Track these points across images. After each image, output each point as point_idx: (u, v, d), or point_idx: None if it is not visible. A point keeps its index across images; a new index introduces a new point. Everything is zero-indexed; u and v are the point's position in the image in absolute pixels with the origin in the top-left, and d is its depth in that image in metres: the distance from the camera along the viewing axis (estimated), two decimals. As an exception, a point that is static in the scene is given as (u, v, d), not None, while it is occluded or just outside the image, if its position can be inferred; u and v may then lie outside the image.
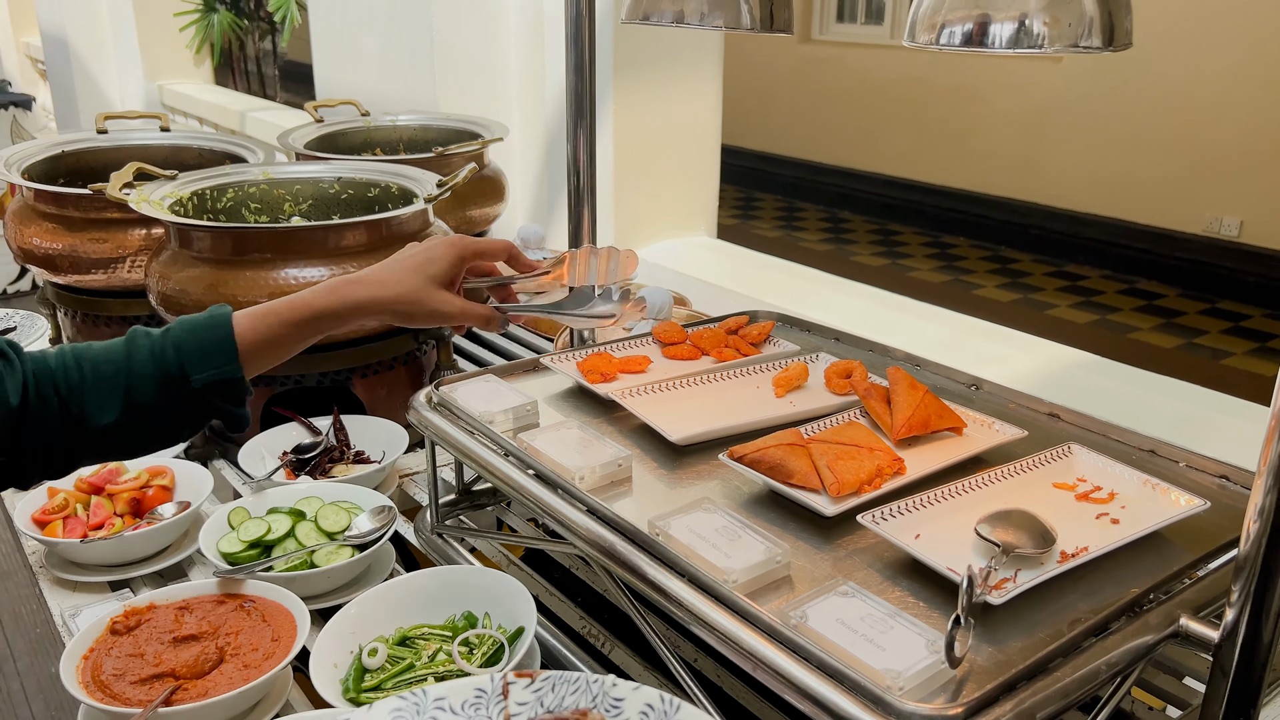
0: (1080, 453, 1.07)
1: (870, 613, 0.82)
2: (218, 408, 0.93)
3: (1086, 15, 0.80)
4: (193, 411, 0.93)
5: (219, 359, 0.92)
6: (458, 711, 0.74)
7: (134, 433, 0.91)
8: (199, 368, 0.91)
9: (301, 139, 2.06)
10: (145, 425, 0.91)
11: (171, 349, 0.91)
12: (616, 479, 1.06)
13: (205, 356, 0.91)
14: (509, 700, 0.74)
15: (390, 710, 0.73)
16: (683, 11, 1.09)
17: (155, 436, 0.93)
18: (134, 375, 0.89)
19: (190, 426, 0.95)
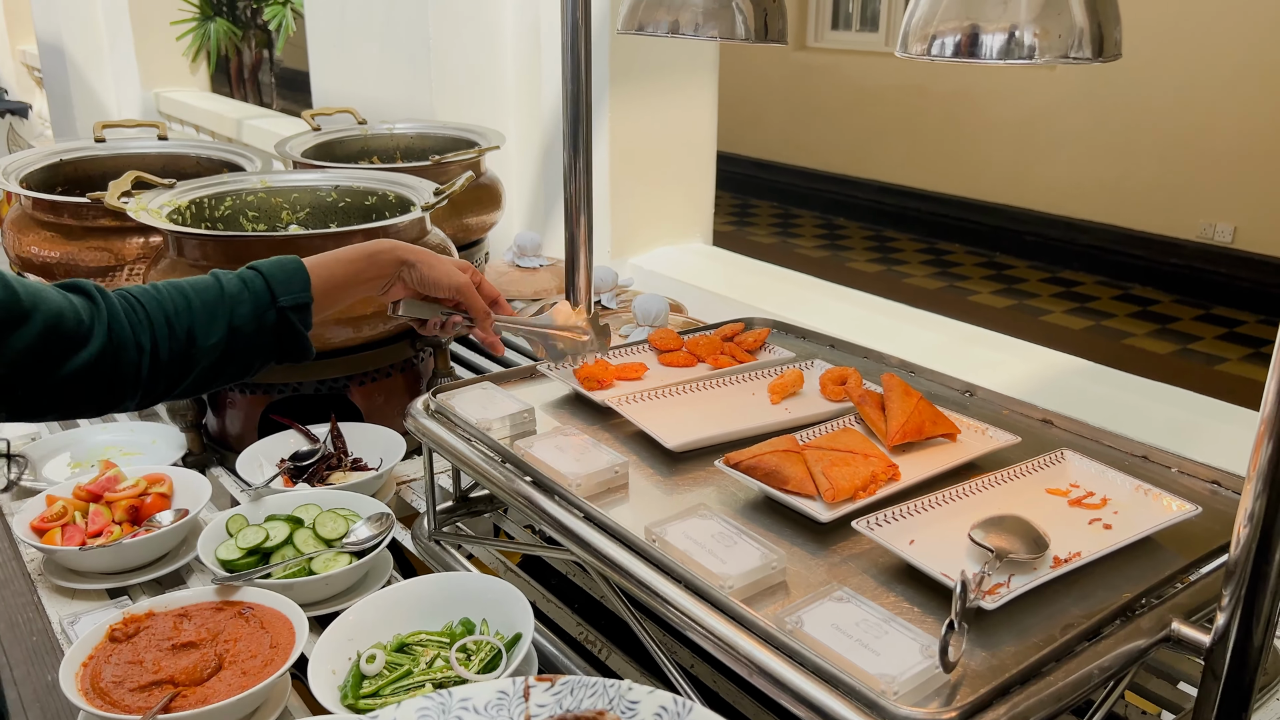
0: (1073, 459, 1.08)
1: (865, 618, 0.82)
2: (297, 332, 1.07)
3: (1076, 26, 0.82)
4: (277, 333, 1.07)
5: (298, 285, 1.07)
6: (481, 711, 0.78)
7: (233, 354, 1.04)
8: (284, 290, 1.06)
9: (299, 147, 2.07)
10: (241, 346, 1.04)
11: (258, 278, 1.06)
12: (613, 485, 1.07)
13: (288, 282, 1.07)
14: (530, 702, 0.79)
15: (417, 709, 0.78)
16: (678, 21, 1.10)
17: (250, 357, 1.06)
18: (232, 299, 1.04)
19: (273, 350, 1.08)
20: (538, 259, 2.42)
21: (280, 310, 1.06)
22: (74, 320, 0.93)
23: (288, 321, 1.06)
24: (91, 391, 0.96)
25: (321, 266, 1.11)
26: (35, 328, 0.89)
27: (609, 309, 2.10)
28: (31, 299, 0.90)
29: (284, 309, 1.06)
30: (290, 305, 1.06)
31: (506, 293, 2.31)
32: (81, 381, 0.94)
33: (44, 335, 0.90)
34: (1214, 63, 5.55)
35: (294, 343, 1.08)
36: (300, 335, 1.08)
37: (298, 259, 1.10)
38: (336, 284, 1.11)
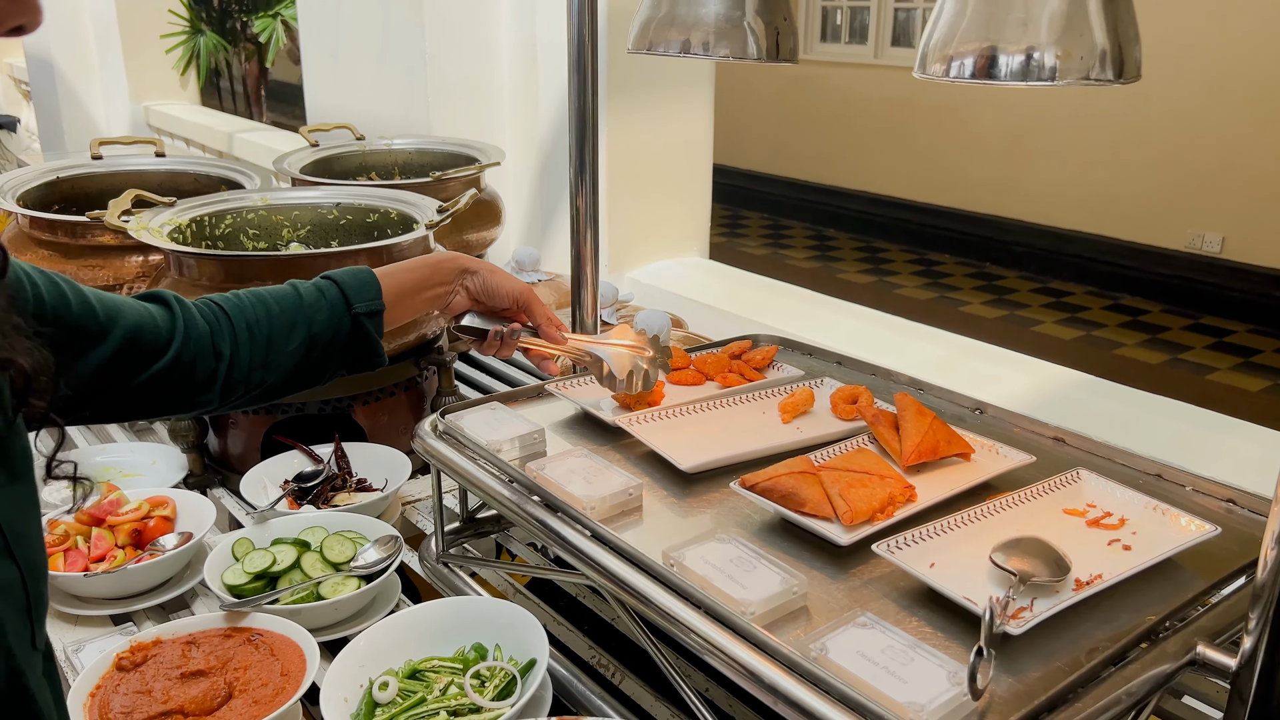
0: (1089, 478, 1.08)
1: (890, 644, 0.81)
2: (371, 338, 1.10)
3: (1098, 48, 0.81)
4: (351, 340, 1.09)
5: (372, 293, 1.10)
6: None
7: (310, 359, 1.07)
8: (357, 296, 1.09)
9: (297, 163, 2.06)
10: (318, 352, 1.07)
11: (334, 287, 1.09)
12: (627, 508, 1.05)
13: (363, 289, 1.10)
14: None
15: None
16: (689, 41, 1.10)
17: (325, 363, 1.09)
18: (308, 306, 1.07)
19: (346, 357, 1.11)
20: (536, 274, 2.41)
21: (355, 317, 1.08)
22: (152, 331, 0.96)
23: (362, 328, 1.09)
24: (169, 396, 0.99)
25: (390, 276, 1.14)
26: (113, 343, 0.92)
27: (610, 324, 2.09)
28: (109, 314, 0.93)
29: (359, 315, 1.09)
30: (365, 312, 1.09)
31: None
32: (158, 387, 0.97)
33: (122, 348, 0.93)
34: (1200, 74, 5.60)
35: (367, 349, 1.11)
36: (374, 341, 1.10)
37: (369, 269, 1.13)
38: (405, 292, 1.14)
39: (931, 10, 0.88)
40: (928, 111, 7.03)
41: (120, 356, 0.93)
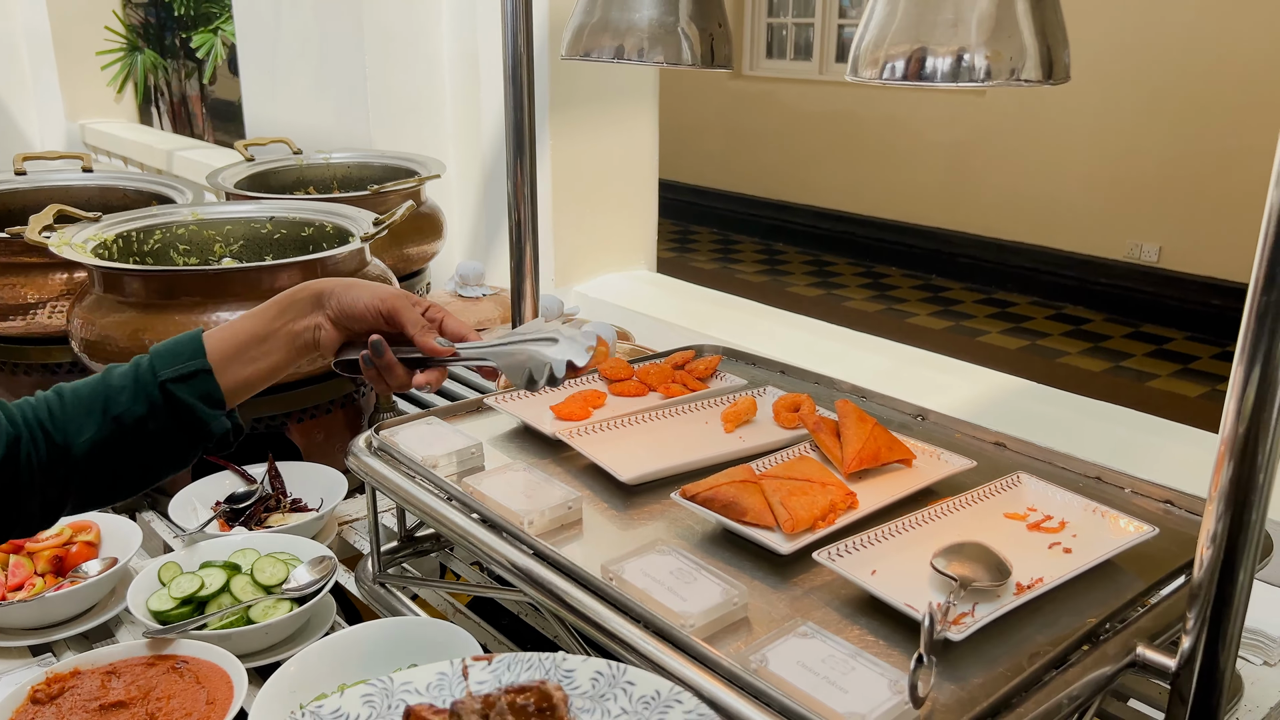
0: (1029, 482, 1.08)
1: (831, 654, 0.80)
2: (190, 406, 0.92)
3: (1026, 49, 0.81)
4: (171, 415, 0.92)
5: (185, 355, 0.93)
6: (423, 693, 0.82)
7: (121, 449, 0.91)
8: (166, 363, 0.93)
9: (232, 178, 2.01)
10: (129, 439, 0.91)
11: (145, 358, 0.94)
12: (566, 522, 1.03)
13: (173, 354, 0.93)
14: (469, 680, 0.82)
15: (361, 695, 0.81)
16: (623, 47, 1.09)
17: (144, 452, 0.92)
18: (110, 388, 0.91)
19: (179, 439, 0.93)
20: (480, 288, 2.38)
21: (163, 386, 0.91)
22: None
23: (175, 399, 0.91)
24: None
25: (227, 328, 0.97)
26: None
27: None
28: None
29: (167, 382, 0.91)
30: (173, 377, 0.91)
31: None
32: None
33: None
34: (1135, 90, 5.73)
35: (193, 423, 0.92)
36: (195, 412, 0.92)
37: (199, 330, 0.97)
38: (246, 342, 0.96)
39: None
40: (873, 126, 7.12)
41: None
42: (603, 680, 0.79)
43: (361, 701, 0.81)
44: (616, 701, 0.77)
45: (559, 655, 0.82)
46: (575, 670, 0.80)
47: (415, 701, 0.80)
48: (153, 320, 1.37)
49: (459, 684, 0.82)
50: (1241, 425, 0.74)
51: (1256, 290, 0.71)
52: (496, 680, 0.81)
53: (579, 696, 0.78)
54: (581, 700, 0.78)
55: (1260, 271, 0.71)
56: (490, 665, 0.82)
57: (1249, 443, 0.74)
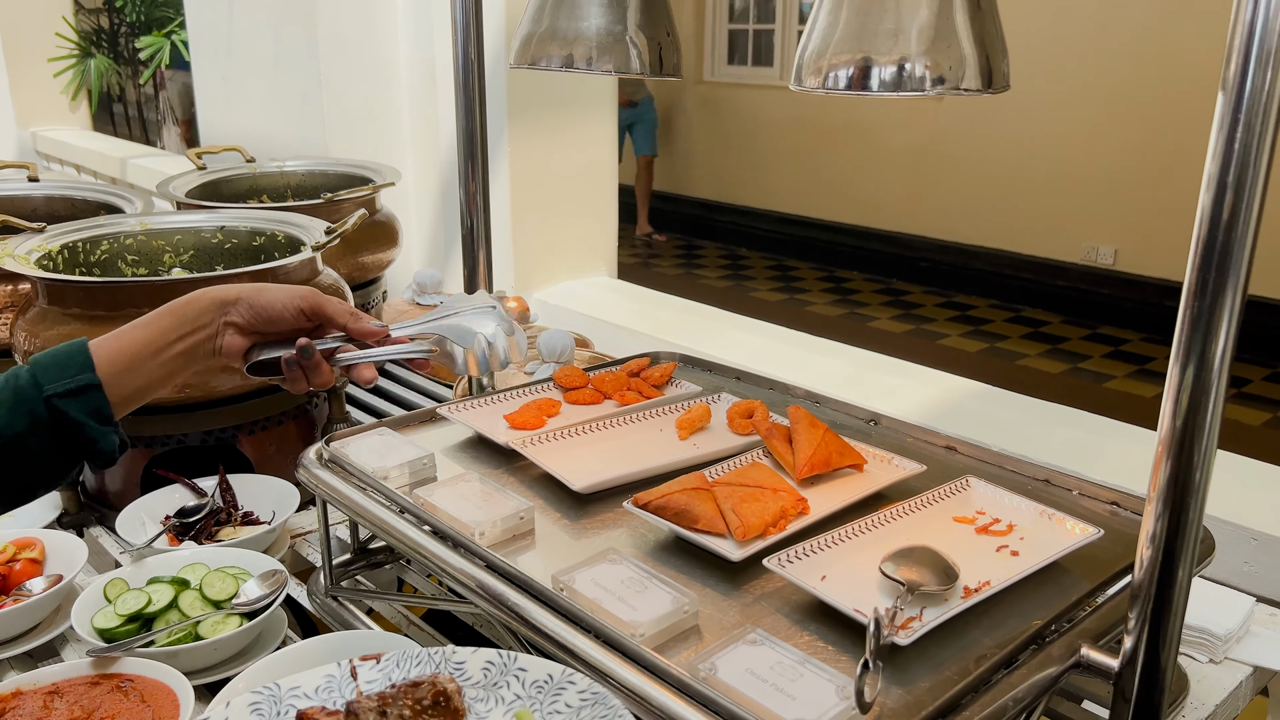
0: (978, 485, 1.09)
1: (780, 660, 0.80)
2: (79, 424, 0.89)
3: (965, 59, 0.82)
4: (55, 432, 0.88)
5: (72, 369, 0.89)
6: (311, 696, 0.82)
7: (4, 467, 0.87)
8: (51, 377, 0.88)
9: (183, 187, 1.98)
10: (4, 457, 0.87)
11: (25, 370, 0.89)
12: (519, 532, 1.03)
13: (59, 367, 0.89)
14: (358, 680, 0.83)
15: (248, 703, 0.81)
16: (571, 56, 1.09)
17: (20, 472, 0.89)
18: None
19: (62, 456, 0.90)
20: (438, 296, 2.37)
21: (48, 401, 0.87)
22: None
23: (62, 414, 0.87)
24: None
25: (117, 338, 0.94)
26: None
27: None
28: None
29: (52, 397, 0.87)
30: (60, 392, 0.87)
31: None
32: None
33: None
34: (1089, 96, 5.83)
35: (80, 441, 0.89)
36: (82, 428, 0.88)
37: (84, 339, 0.93)
38: (139, 354, 0.93)
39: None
40: (834, 131, 7.17)
41: None
42: (494, 669, 0.80)
43: (249, 710, 0.80)
44: (510, 688, 0.79)
45: (448, 649, 0.83)
46: (466, 662, 0.81)
47: (305, 706, 0.80)
48: (99, 333, 1.34)
49: (348, 685, 0.82)
50: (1178, 425, 0.75)
51: (1190, 293, 0.72)
52: (386, 678, 0.82)
53: (471, 687, 0.80)
54: (475, 690, 0.80)
55: (1194, 271, 0.72)
56: (379, 664, 0.83)
57: (1185, 442, 0.75)
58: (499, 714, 0.80)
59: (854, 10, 0.84)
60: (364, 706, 0.77)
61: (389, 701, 0.77)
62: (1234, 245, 0.71)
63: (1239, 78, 0.68)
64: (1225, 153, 0.70)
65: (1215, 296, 0.72)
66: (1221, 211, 0.71)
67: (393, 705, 0.77)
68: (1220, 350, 0.73)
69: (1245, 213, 0.70)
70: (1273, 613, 1.24)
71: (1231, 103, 0.69)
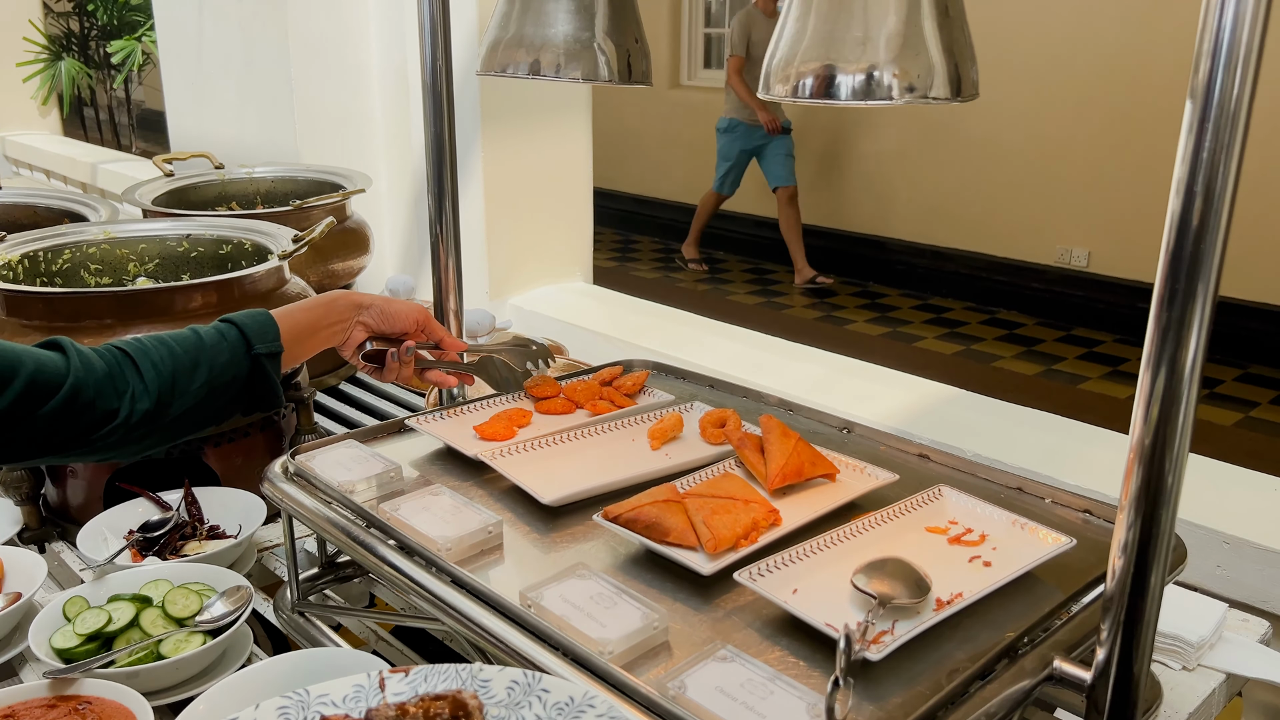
0: (950, 495, 1.08)
1: (750, 677, 0.79)
2: (270, 379, 1.12)
3: (934, 67, 0.82)
4: (250, 381, 1.11)
5: (271, 335, 1.13)
6: (339, 704, 0.82)
7: (212, 400, 1.08)
8: (258, 338, 1.12)
9: (150, 194, 1.95)
10: (219, 393, 1.09)
11: (234, 329, 1.11)
12: (487, 547, 1.01)
13: (262, 331, 1.13)
14: (386, 692, 0.82)
15: (276, 708, 0.81)
16: (539, 63, 1.07)
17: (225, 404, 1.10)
18: (212, 349, 1.09)
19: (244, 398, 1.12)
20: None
21: (255, 358, 1.10)
22: (52, 372, 0.98)
23: (261, 369, 1.11)
24: (69, 435, 1.00)
25: (287, 316, 1.16)
26: (19, 384, 0.95)
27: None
28: (15, 358, 0.96)
29: (259, 356, 1.10)
30: (265, 353, 1.11)
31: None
32: (58, 425, 0.98)
33: (27, 389, 0.95)
34: (1064, 97, 5.86)
35: (266, 390, 1.12)
36: (273, 382, 1.12)
37: (266, 311, 1.15)
38: (301, 332, 1.17)
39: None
40: (809, 134, 7.18)
41: (25, 397, 0.95)
42: (518, 689, 0.80)
43: (277, 714, 0.80)
44: (531, 709, 0.78)
45: (476, 665, 0.82)
46: (491, 680, 0.81)
47: (331, 713, 0.80)
48: (60, 344, 1.32)
49: (375, 695, 0.82)
50: (1149, 433, 0.75)
51: (1160, 299, 0.72)
52: (413, 690, 0.82)
53: (494, 705, 0.79)
54: (497, 709, 0.79)
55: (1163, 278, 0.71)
56: (407, 677, 0.83)
57: (1156, 451, 0.75)
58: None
59: (822, 18, 0.83)
60: (381, 715, 0.78)
61: (407, 713, 0.78)
62: (1204, 253, 0.70)
63: (1207, 85, 0.67)
64: (1194, 160, 0.69)
65: (1185, 304, 0.71)
66: (1191, 219, 0.70)
67: (410, 717, 0.77)
68: (1191, 358, 0.73)
69: (1214, 220, 0.70)
70: (1245, 618, 1.24)
71: (1199, 110, 0.68)
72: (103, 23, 6.55)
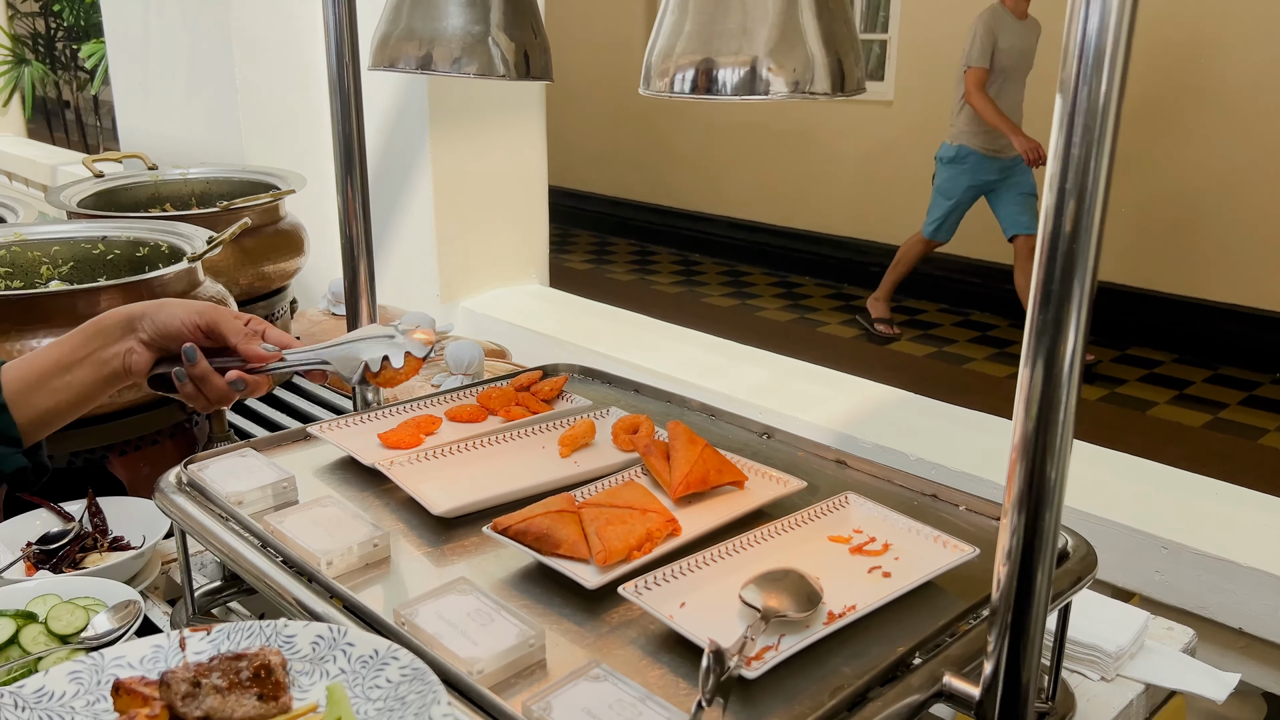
0: (857, 503, 1.05)
1: (620, 698, 0.76)
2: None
3: (813, 61, 0.79)
4: None
5: None
6: (137, 666, 0.80)
7: None
8: None
9: (75, 196, 1.91)
10: None
11: None
12: (372, 560, 0.97)
13: None
14: (186, 651, 0.81)
15: (68, 672, 0.78)
16: (430, 57, 1.04)
17: None
18: None
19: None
20: (353, 308, 2.31)
21: None
22: None
23: None
24: None
25: (26, 357, 0.97)
26: None
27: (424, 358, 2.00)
28: None
29: None
30: None
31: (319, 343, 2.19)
32: None
33: None
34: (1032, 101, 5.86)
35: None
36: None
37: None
38: (46, 372, 0.95)
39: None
40: (785, 138, 7.17)
41: None
42: (323, 643, 0.80)
43: (68, 679, 0.78)
44: (335, 663, 0.79)
45: (280, 621, 0.82)
46: (296, 635, 0.81)
47: (126, 675, 0.78)
48: (-43, 350, 1.28)
49: (176, 656, 0.81)
50: (1029, 430, 0.72)
51: (1039, 294, 0.69)
52: (215, 649, 0.80)
53: (299, 660, 0.79)
54: (301, 664, 0.79)
55: (1042, 275, 0.69)
56: (209, 635, 0.81)
57: (1038, 449, 0.72)
58: (323, 688, 0.78)
59: (699, 9, 0.80)
60: (178, 677, 0.75)
61: (205, 673, 0.75)
62: (1078, 250, 0.68)
63: (1074, 81, 0.65)
64: (1064, 157, 0.67)
65: (1061, 303, 0.69)
66: (1063, 220, 0.67)
67: (208, 676, 0.75)
68: (1069, 354, 0.70)
69: (1087, 219, 0.67)
70: (1170, 626, 1.21)
71: (1069, 106, 0.66)
72: (69, 23, 6.48)
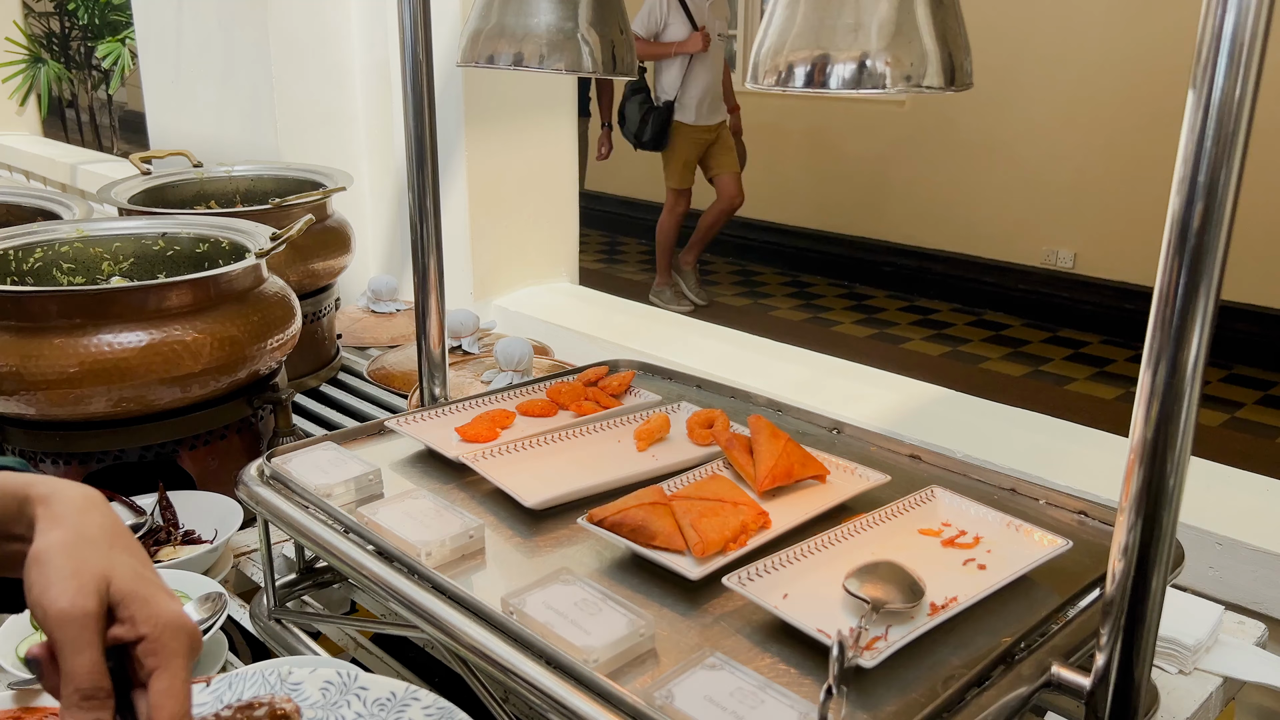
0: (943, 496, 1.05)
1: (740, 686, 0.76)
2: None
3: (928, 56, 0.79)
4: None
5: None
6: None
7: None
8: None
9: (126, 193, 1.91)
10: None
11: None
12: (468, 552, 0.98)
13: None
14: None
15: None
16: (521, 54, 1.04)
17: None
18: None
19: None
20: (394, 303, 2.32)
21: None
22: None
23: None
24: None
25: None
26: None
27: (471, 354, 2.01)
28: None
29: None
30: None
31: (361, 340, 2.20)
32: None
33: None
34: (1050, 101, 5.87)
35: None
36: None
37: None
38: None
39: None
40: (797, 137, 7.18)
41: None
42: (334, 689, 0.78)
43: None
44: (350, 707, 0.77)
45: (284, 668, 0.79)
46: (303, 682, 0.79)
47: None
48: (33, 345, 1.28)
49: None
50: (1150, 433, 0.72)
51: (1161, 297, 0.70)
52: (218, 700, 0.78)
53: (310, 707, 0.77)
54: (314, 711, 0.77)
55: (1165, 279, 0.69)
56: (210, 687, 0.79)
57: (1158, 451, 0.73)
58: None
59: (812, 5, 0.81)
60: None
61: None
62: (1206, 250, 0.69)
63: (1208, 76, 0.65)
64: (1195, 155, 0.67)
65: (1187, 302, 0.69)
66: (1192, 217, 0.68)
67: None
68: (1193, 357, 0.70)
69: (1218, 216, 0.68)
70: (1241, 620, 1.22)
71: (1202, 103, 0.66)
72: (84, 23, 6.48)
